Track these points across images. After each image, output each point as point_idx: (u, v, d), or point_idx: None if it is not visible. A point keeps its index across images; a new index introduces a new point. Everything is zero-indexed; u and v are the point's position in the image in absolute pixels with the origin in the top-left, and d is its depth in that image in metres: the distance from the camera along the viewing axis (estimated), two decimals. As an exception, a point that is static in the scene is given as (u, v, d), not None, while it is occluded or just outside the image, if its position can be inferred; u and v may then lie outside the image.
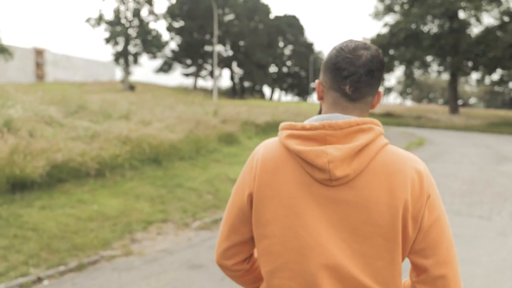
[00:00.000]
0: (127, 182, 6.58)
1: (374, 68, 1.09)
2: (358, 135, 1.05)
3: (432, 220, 1.06)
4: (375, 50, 1.10)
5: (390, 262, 1.05)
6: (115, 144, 6.88)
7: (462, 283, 1.13)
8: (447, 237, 1.08)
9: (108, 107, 9.57)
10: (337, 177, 1.02)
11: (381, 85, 1.18)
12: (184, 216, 5.83)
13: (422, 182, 1.05)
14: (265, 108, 15.25)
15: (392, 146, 1.10)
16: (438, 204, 1.09)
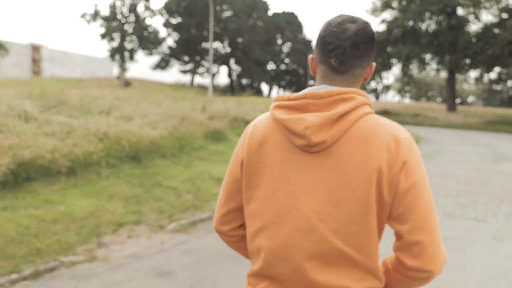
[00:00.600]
0: (102, 180, 6.22)
1: (360, 41, 1.11)
2: (339, 103, 1.08)
3: (407, 186, 1.06)
4: (362, 24, 1.12)
5: (364, 226, 1.08)
6: (90, 141, 6.51)
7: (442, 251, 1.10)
8: (424, 203, 1.07)
9: (90, 102, 9.20)
10: (314, 142, 1.06)
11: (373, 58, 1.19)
12: (159, 218, 5.47)
13: (398, 148, 1.07)
14: (257, 105, 14.86)
15: (376, 116, 1.12)
16: (417, 170, 1.08)
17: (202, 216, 5.75)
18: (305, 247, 1.10)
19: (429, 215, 1.07)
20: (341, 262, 1.09)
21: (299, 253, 1.10)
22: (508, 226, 5.65)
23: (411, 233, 1.07)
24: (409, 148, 1.09)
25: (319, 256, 1.10)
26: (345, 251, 1.08)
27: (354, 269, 1.10)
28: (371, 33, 1.14)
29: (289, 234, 1.11)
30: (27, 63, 70.57)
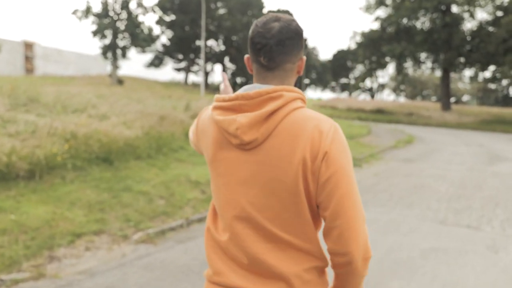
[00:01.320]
0: (66, 185, 5.73)
1: (285, 38, 1.18)
2: (268, 102, 1.16)
3: (328, 175, 1.12)
4: (285, 21, 1.20)
5: (296, 213, 1.17)
6: (54, 142, 6.02)
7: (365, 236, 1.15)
8: (342, 190, 1.12)
9: (66, 100, 8.69)
10: (246, 141, 1.16)
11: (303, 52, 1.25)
12: (124, 227, 4.99)
13: (320, 140, 1.13)
14: None
15: (305, 110, 1.19)
16: (339, 160, 1.13)
17: (172, 224, 5.28)
18: (247, 233, 1.20)
19: (348, 202, 1.12)
20: (280, 246, 1.19)
21: (244, 240, 1.20)
22: (503, 235, 5.22)
23: (330, 219, 1.14)
24: (331, 139, 1.14)
25: (261, 242, 1.19)
26: (281, 236, 1.18)
27: (294, 251, 1.19)
28: (295, 30, 1.20)
29: (231, 225, 1.22)
30: (20, 60, 69.68)
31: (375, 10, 29.56)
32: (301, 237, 1.18)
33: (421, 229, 5.35)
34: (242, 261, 1.22)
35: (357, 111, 28.77)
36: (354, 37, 30.43)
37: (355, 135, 15.01)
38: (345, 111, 28.60)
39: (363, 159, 10.65)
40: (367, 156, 11.00)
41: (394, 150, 13.04)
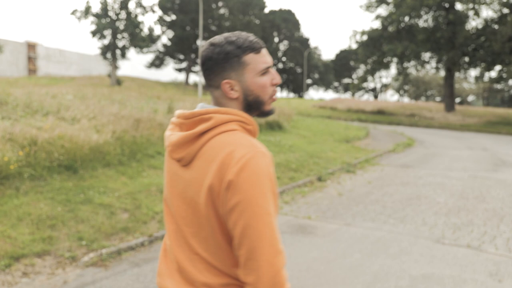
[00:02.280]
0: (19, 197, 5.14)
1: (201, 64, 1.26)
2: (199, 123, 1.22)
3: (232, 204, 1.13)
4: (207, 45, 1.26)
5: (211, 234, 1.21)
6: (8, 149, 5.43)
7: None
8: (246, 221, 1.11)
9: (38, 102, 8.12)
10: (175, 158, 1.25)
11: (228, 77, 1.24)
12: (75, 246, 4.39)
13: (228, 166, 1.13)
14: None
15: (234, 133, 1.19)
16: (245, 190, 1.11)
17: (132, 242, 4.68)
18: (178, 243, 1.29)
19: (251, 233, 1.12)
20: (200, 260, 1.25)
21: (176, 249, 1.29)
22: (509, 257, 4.58)
23: (235, 247, 1.16)
24: (240, 168, 1.12)
25: (186, 252, 1.27)
26: (200, 252, 1.24)
27: (210, 267, 1.24)
28: (207, 55, 1.24)
29: (169, 232, 1.33)
30: (22, 61, 69.64)
31: (376, 8, 28.87)
32: (216, 257, 1.23)
33: (413, 250, 4.72)
34: (174, 267, 1.31)
35: (357, 112, 28.10)
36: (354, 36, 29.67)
37: (351, 138, 14.37)
38: (345, 112, 27.95)
39: (357, 164, 10.02)
40: (362, 162, 10.37)
41: (392, 154, 12.38)
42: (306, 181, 8.03)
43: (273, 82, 1.28)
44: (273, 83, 1.28)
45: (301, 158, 9.39)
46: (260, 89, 1.25)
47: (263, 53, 1.26)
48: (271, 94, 1.28)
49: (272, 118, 12.24)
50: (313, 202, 6.86)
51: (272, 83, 1.28)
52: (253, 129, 1.27)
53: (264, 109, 1.29)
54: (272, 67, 1.29)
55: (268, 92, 1.27)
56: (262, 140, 10.48)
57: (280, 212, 6.21)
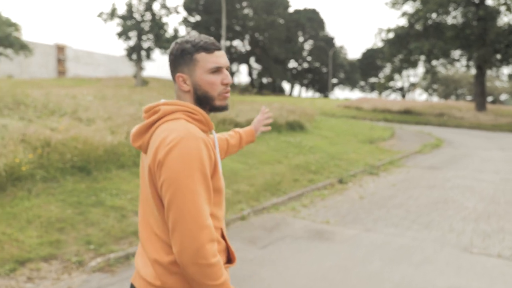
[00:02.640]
0: (30, 199, 5.08)
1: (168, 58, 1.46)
2: (151, 116, 1.39)
3: (161, 181, 1.28)
4: (173, 44, 1.45)
5: (158, 212, 1.35)
6: (18, 150, 5.38)
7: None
8: (171, 196, 1.26)
9: (56, 103, 8.12)
10: (136, 147, 1.42)
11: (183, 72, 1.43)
12: (82, 250, 4.28)
13: (158, 150, 1.29)
14: (256, 104, 13.54)
15: (174, 121, 1.34)
16: (171, 168, 1.25)
17: (142, 247, 4.53)
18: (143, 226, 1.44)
19: (175, 207, 1.25)
20: (157, 239, 1.37)
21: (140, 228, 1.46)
22: (544, 269, 4.21)
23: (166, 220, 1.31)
24: (168, 150, 1.26)
25: (146, 231, 1.41)
26: (156, 231, 1.37)
27: (164, 245, 1.35)
28: (170, 51, 1.44)
29: (139, 218, 1.47)
30: (52, 63, 71.49)
31: (402, 5, 28.08)
32: (165, 234, 1.35)
33: (438, 259, 4.40)
34: (141, 245, 1.46)
35: (383, 112, 27.43)
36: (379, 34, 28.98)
37: (376, 139, 13.94)
38: (370, 111, 27.33)
39: (381, 166, 9.66)
40: (386, 163, 9.99)
41: (418, 155, 11.92)
42: (326, 183, 7.76)
43: (224, 81, 1.42)
44: (223, 82, 1.42)
45: (322, 160, 9.11)
46: (208, 86, 1.40)
47: (216, 54, 1.41)
48: (220, 91, 1.42)
49: (293, 118, 11.98)
50: (333, 205, 6.59)
51: (222, 82, 1.42)
52: (202, 118, 1.39)
53: (214, 104, 1.43)
54: (227, 68, 1.44)
55: (216, 89, 1.41)
56: (281, 141, 10.26)
57: (297, 216, 5.98)
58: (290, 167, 8.25)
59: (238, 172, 7.37)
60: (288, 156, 9.00)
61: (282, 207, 6.40)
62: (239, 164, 7.85)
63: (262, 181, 7.18)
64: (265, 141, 9.91)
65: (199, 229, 1.23)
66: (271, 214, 6.06)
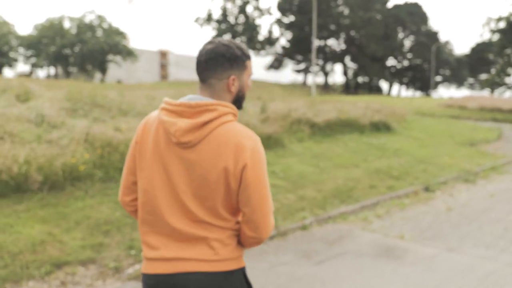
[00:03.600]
0: (85, 199, 5.06)
1: (209, 58, 1.52)
2: (204, 113, 1.48)
3: (247, 183, 1.48)
4: (215, 44, 1.54)
5: (219, 202, 1.52)
6: (76, 150, 5.42)
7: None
8: (258, 194, 1.50)
9: (129, 104, 8.28)
10: (182, 142, 1.48)
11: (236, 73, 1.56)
12: (123, 256, 4.08)
13: (240, 153, 1.46)
14: (338, 104, 12.68)
15: (235, 124, 1.52)
16: (255, 172, 1.48)
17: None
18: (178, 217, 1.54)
19: (261, 203, 1.51)
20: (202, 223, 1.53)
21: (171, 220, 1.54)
22: None
23: (249, 213, 1.52)
24: (251, 154, 1.48)
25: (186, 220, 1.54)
26: (204, 216, 1.53)
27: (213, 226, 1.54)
28: (220, 52, 1.52)
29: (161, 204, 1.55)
30: (155, 68, 76.54)
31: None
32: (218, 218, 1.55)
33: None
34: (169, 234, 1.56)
35: (492, 111, 24.54)
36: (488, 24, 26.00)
37: (478, 141, 12.29)
38: (476, 111, 24.62)
39: (480, 173, 8.37)
40: (487, 169, 8.65)
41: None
42: (409, 191, 6.85)
43: (249, 85, 1.63)
44: (249, 86, 1.63)
45: (407, 164, 8.15)
46: (247, 88, 1.61)
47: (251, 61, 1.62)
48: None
49: (378, 117, 11.01)
50: (412, 217, 5.74)
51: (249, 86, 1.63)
52: (237, 117, 1.58)
53: (242, 104, 1.63)
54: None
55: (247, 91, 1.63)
56: (361, 142, 9.43)
57: (367, 228, 5.27)
58: (368, 171, 7.46)
59: (306, 176, 6.81)
60: (367, 160, 8.19)
61: (351, 216, 5.72)
62: (309, 167, 7.27)
63: (333, 186, 6.54)
64: (343, 143, 9.17)
65: (272, 216, 1.57)
66: (337, 225, 5.43)
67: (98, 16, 60.38)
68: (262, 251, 4.58)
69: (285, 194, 6.02)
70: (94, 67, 59.94)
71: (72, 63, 60.52)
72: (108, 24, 61.25)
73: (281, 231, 5.04)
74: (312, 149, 8.42)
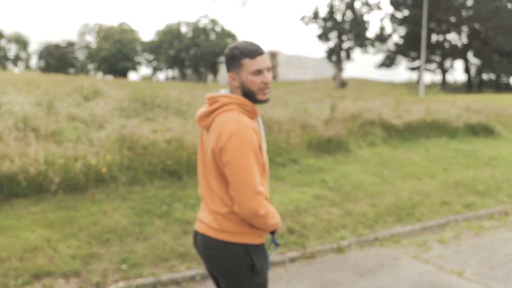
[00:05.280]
0: (102, 203, 4.82)
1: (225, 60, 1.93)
2: (213, 104, 1.87)
3: (224, 162, 1.78)
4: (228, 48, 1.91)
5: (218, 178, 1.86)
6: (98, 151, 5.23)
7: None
8: (234, 174, 1.77)
9: (187, 104, 8.03)
10: (200, 126, 1.93)
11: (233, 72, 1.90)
12: (111, 270, 3.72)
13: (219, 137, 1.77)
14: (435, 103, 10.98)
15: (232, 112, 1.82)
16: (230, 154, 1.75)
17: (179, 274, 3.73)
18: (204, 186, 1.95)
19: (237, 182, 1.76)
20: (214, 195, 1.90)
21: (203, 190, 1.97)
22: None
23: (231, 191, 1.81)
24: (227, 138, 1.75)
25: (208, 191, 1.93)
26: (215, 190, 1.89)
27: (220, 200, 1.88)
28: (225, 54, 1.91)
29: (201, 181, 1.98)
30: (266, 69, 77.91)
31: None
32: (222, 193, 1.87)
33: None
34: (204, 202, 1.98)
35: None
36: None
37: None
38: None
39: None
40: None
41: None
42: (494, 211, 5.49)
43: (264, 81, 1.86)
44: (263, 81, 1.86)
45: (501, 177, 6.62)
46: (250, 84, 1.86)
47: (258, 59, 1.85)
48: (260, 88, 1.88)
49: (477, 119, 9.29)
50: (486, 246, 4.50)
51: (262, 82, 1.86)
52: (250, 108, 1.87)
53: (256, 98, 1.89)
54: (268, 69, 1.86)
55: (257, 87, 1.87)
56: (447, 148, 7.95)
57: (419, 257, 4.24)
58: (444, 184, 6.20)
59: (363, 187, 5.84)
60: (449, 169, 6.85)
61: (406, 240, 4.69)
62: (370, 176, 6.25)
63: (392, 201, 5.49)
64: (424, 148, 7.83)
65: (254, 195, 1.77)
66: (383, 249, 4.46)
67: (212, 20, 63.31)
68: (276, 276, 3.88)
69: (328, 208, 5.17)
70: (206, 69, 62.99)
71: (187, 65, 64.39)
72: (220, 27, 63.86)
73: (307, 252, 4.27)
74: (383, 155, 7.31)
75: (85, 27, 64.87)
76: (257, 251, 1.89)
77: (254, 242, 1.88)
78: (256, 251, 1.88)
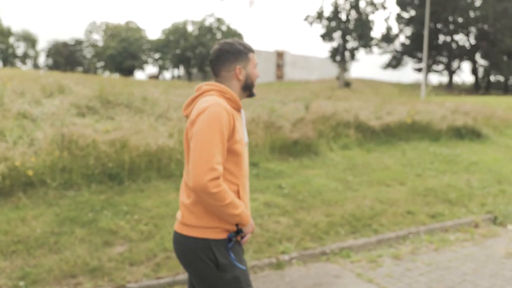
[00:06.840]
0: (25, 209, 4.39)
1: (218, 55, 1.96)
2: (196, 92, 1.95)
3: (190, 137, 1.82)
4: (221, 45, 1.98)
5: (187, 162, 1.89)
6: (35, 152, 4.83)
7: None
8: (194, 145, 1.75)
9: (153, 103, 7.61)
10: (184, 115, 1.97)
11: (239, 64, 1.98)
12: (6, 287, 3.30)
13: (194, 114, 1.82)
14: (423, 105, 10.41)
15: (210, 96, 1.88)
16: (196, 126, 1.77)
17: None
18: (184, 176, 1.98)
19: (195, 153, 1.74)
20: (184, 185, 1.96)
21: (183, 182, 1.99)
22: None
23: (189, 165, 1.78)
24: (200, 112, 1.78)
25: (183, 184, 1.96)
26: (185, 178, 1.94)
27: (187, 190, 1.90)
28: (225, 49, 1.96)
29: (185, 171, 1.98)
30: (272, 68, 77.45)
31: None
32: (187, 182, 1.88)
33: None
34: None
35: None
36: None
37: None
38: None
39: None
40: None
41: None
42: (464, 222, 5.00)
43: (257, 75, 2.03)
44: (257, 75, 2.03)
45: (477, 184, 6.11)
46: (253, 77, 2.01)
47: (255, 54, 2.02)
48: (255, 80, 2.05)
49: (462, 121, 8.72)
50: (443, 263, 4.03)
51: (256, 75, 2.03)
52: (231, 97, 1.90)
53: (252, 90, 2.04)
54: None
55: (255, 79, 2.03)
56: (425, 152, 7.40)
57: (364, 276, 3.77)
58: (413, 191, 5.71)
59: (322, 194, 5.37)
60: (423, 175, 6.35)
61: (356, 254, 4.23)
62: (333, 182, 5.78)
63: (350, 210, 5.01)
64: (400, 151, 7.31)
65: (208, 170, 1.70)
66: (327, 265, 4.01)
67: (217, 19, 62.99)
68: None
69: (277, 217, 4.72)
70: (211, 67, 62.67)
71: (193, 64, 64.14)
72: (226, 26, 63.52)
73: (239, 268, 3.81)
74: (354, 158, 6.82)
75: (92, 25, 64.86)
76: (221, 247, 1.83)
77: (216, 237, 1.83)
78: (219, 247, 1.83)
